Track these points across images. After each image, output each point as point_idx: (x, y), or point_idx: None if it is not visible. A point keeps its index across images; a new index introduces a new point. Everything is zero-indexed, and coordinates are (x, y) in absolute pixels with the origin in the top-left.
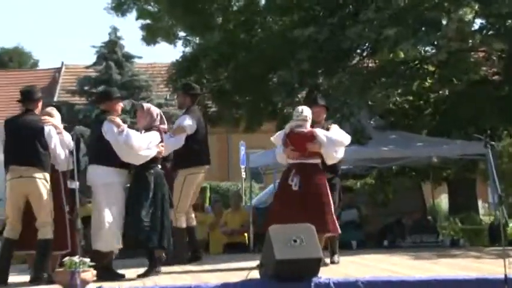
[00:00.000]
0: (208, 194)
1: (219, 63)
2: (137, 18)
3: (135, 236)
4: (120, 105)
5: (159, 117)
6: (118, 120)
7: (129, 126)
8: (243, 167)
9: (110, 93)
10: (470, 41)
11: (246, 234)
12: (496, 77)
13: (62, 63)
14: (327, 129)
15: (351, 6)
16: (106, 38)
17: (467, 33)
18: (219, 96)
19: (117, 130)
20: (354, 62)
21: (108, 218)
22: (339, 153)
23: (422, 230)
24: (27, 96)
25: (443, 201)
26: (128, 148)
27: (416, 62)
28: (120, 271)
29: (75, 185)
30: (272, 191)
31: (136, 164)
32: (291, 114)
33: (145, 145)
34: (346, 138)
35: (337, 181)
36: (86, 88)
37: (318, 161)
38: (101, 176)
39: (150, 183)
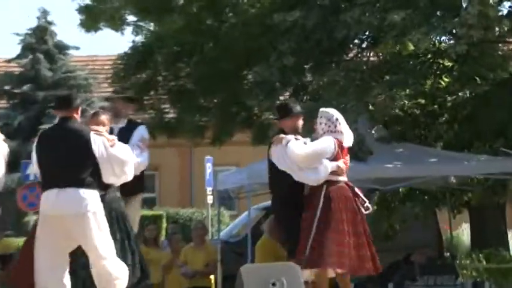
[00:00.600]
0: (164, 224)
1: (179, 57)
2: None
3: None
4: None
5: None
6: (105, 132)
7: None
8: (209, 189)
9: (72, 98)
10: (497, 29)
11: (212, 277)
12: None
13: None
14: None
15: None
16: (33, 24)
17: (492, 20)
18: (179, 99)
19: (108, 144)
20: (351, 55)
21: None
22: None
23: (437, 269)
24: None
25: (463, 232)
26: (129, 166)
27: (429, 56)
28: None
29: None
30: (246, 221)
31: (116, 184)
32: (269, 121)
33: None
34: None
35: None
36: (6, 88)
37: None
38: (97, 201)
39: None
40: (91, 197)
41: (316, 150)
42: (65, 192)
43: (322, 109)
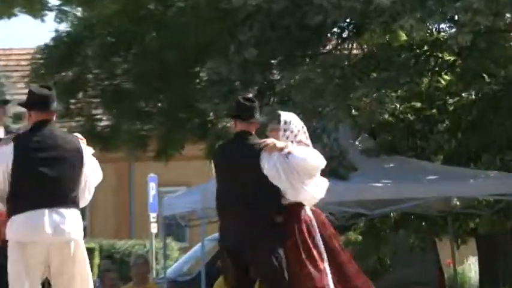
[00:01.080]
0: (96, 259)
1: (115, 49)
2: None
3: None
4: None
5: None
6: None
7: None
8: (153, 215)
9: (54, 96)
10: (508, 15)
11: None
12: None
13: None
14: None
15: None
16: None
17: (502, 4)
18: (115, 102)
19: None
20: (329, 47)
21: None
22: None
23: None
24: None
25: (470, 268)
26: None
27: (426, 48)
28: None
29: None
30: (200, 255)
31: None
32: (228, 129)
33: None
34: None
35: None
36: None
37: None
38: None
39: None
40: (80, 220)
41: (322, 160)
42: (58, 214)
43: (285, 113)
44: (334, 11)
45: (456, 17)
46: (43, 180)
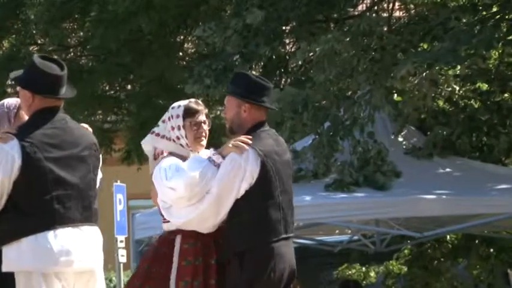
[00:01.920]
0: None
1: (67, 11)
2: None
3: None
4: None
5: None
6: None
7: None
8: (120, 238)
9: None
10: None
11: None
12: None
13: None
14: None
15: None
16: None
17: None
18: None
19: None
20: (362, 8)
21: None
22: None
23: None
24: None
25: None
26: None
27: (495, 10)
28: None
29: None
30: None
31: None
32: (223, 120)
33: None
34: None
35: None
36: None
37: None
38: None
39: None
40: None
41: None
42: (83, 233)
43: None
44: None
45: None
46: (62, 188)
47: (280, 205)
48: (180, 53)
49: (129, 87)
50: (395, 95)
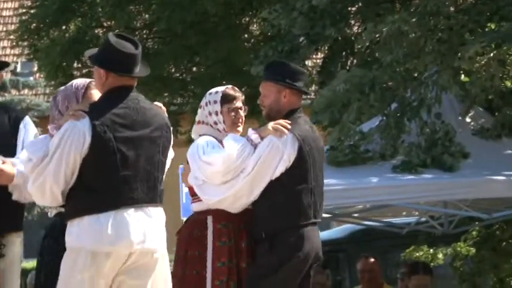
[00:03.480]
0: None
1: None
2: None
3: None
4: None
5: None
6: None
7: None
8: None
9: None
10: None
11: None
12: None
13: None
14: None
15: None
16: None
17: None
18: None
19: None
20: None
21: None
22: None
23: None
24: None
25: None
26: None
27: None
28: None
29: None
30: None
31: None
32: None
33: None
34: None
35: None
36: None
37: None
38: None
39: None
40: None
41: None
42: (146, 214)
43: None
44: None
45: None
46: (129, 169)
47: (312, 190)
48: (246, 35)
49: (194, 69)
50: (463, 75)
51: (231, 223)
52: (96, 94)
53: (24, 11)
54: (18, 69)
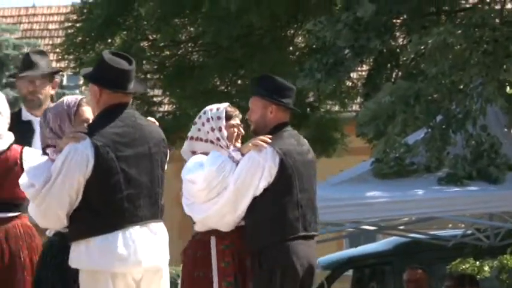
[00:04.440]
0: None
1: (179, 8)
2: None
3: None
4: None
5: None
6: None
7: None
8: None
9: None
10: None
11: None
12: None
13: None
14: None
15: None
16: None
17: None
18: (178, 79)
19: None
20: (472, 0)
21: None
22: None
23: None
24: None
25: None
26: None
27: None
28: None
29: None
30: None
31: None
32: (333, 115)
33: None
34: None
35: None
36: None
37: None
38: None
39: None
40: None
41: None
42: (150, 231)
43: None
44: None
45: None
46: (132, 187)
47: (298, 203)
48: (291, 47)
49: (239, 82)
50: (508, 87)
51: (234, 244)
52: (87, 111)
53: (70, 24)
54: (64, 83)
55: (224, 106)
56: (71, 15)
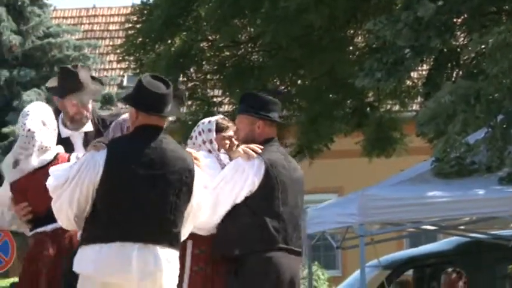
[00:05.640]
0: None
1: (238, 8)
2: None
3: None
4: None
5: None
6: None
7: None
8: None
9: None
10: None
11: None
12: None
13: None
14: None
15: None
16: None
17: None
18: (238, 79)
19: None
20: None
21: None
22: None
23: None
24: None
25: None
26: None
27: None
28: None
29: None
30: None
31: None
32: (393, 114)
33: None
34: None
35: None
36: None
37: None
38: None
39: None
40: (177, 266)
41: None
42: (150, 252)
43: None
44: None
45: None
46: (137, 205)
47: (280, 216)
48: (350, 47)
49: (299, 82)
50: None
51: (210, 249)
52: None
53: (130, 25)
54: (125, 83)
55: (215, 118)
56: (131, 16)
